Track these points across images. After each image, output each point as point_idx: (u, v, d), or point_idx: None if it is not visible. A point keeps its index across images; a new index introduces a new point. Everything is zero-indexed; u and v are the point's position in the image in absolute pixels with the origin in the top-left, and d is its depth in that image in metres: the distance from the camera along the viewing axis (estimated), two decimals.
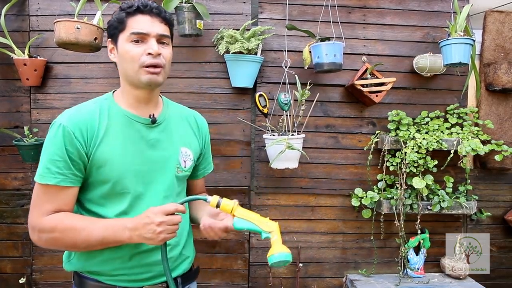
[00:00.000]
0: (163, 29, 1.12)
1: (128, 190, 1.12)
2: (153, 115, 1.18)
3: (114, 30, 1.12)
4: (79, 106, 1.15)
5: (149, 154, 1.16)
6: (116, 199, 1.12)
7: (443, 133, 2.16)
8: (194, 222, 1.33)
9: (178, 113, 1.30)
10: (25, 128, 2.13)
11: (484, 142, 2.18)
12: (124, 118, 1.15)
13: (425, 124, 2.22)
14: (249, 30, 2.09)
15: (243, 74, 2.10)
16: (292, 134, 2.05)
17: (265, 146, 2.11)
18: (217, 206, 1.08)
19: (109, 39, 1.16)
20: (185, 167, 1.24)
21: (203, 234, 1.15)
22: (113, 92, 1.21)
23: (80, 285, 1.16)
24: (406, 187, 2.13)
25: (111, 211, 1.12)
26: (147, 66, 1.08)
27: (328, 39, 2.03)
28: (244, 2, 2.20)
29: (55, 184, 1.05)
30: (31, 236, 1.09)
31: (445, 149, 2.08)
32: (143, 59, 1.08)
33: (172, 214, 1.04)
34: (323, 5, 2.17)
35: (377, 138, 2.18)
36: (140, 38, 1.09)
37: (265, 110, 2.07)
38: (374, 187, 2.24)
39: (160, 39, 1.11)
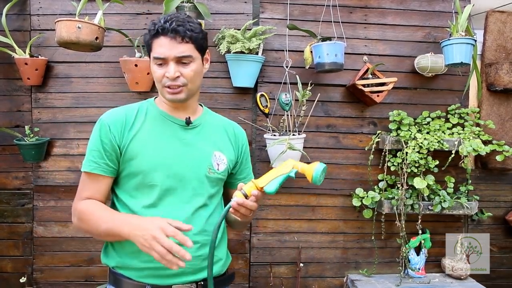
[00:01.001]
0: (182, 50, 1.12)
1: (156, 182, 1.16)
2: (189, 117, 1.24)
3: (147, 49, 1.20)
4: (123, 106, 1.26)
5: (181, 151, 1.21)
6: (146, 191, 1.17)
7: (444, 133, 2.16)
8: (231, 224, 1.35)
9: (216, 121, 1.34)
10: (26, 127, 2.13)
11: (485, 143, 2.17)
12: (160, 117, 1.23)
13: (426, 124, 2.21)
14: (250, 29, 2.09)
15: (244, 74, 2.10)
16: (293, 134, 2.05)
17: (266, 146, 2.11)
18: (246, 196, 1.10)
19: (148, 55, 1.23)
20: (218, 169, 1.25)
21: (234, 218, 1.17)
22: (154, 98, 1.29)
23: (114, 283, 1.20)
24: (407, 187, 2.13)
25: (140, 203, 1.17)
26: (168, 87, 1.16)
27: (329, 39, 2.02)
28: (245, 2, 2.20)
29: (90, 171, 1.17)
30: (72, 219, 1.20)
31: (446, 149, 2.08)
32: (163, 80, 1.16)
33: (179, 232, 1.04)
34: (324, 5, 2.17)
35: (378, 138, 2.18)
36: (161, 61, 1.14)
37: (266, 110, 2.06)
38: (375, 187, 2.24)
39: (179, 60, 1.14)
